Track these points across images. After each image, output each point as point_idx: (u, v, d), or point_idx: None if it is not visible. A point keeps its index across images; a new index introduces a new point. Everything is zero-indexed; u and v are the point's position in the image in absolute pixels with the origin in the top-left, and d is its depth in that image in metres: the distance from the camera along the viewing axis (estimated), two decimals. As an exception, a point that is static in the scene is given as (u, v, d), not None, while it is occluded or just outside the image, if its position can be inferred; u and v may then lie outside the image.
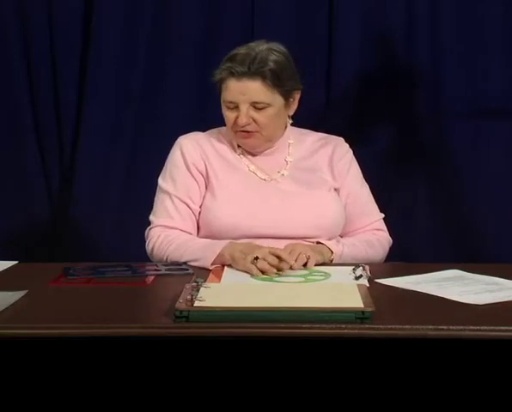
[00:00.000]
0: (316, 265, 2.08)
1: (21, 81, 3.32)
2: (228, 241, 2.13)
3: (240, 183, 2.29)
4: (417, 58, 3.28)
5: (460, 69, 3.26)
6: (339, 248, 2.20)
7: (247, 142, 2.30)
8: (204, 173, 2.31)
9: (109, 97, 3.31)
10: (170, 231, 2.26)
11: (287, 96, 2.28)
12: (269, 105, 2.24)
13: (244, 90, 2.23)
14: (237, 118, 2.24)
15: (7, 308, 1.66)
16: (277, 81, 2.23)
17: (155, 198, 2.34)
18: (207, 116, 3.22)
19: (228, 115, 2.27)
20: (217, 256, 2.08)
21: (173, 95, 3.30)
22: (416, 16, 3.26)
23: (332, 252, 2.17)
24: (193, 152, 2.32)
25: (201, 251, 2.13)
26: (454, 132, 3.28)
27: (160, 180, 2.34)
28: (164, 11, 3.29)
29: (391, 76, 3.29)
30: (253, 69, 2.21)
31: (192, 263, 2.13)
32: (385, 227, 2.37)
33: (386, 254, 2.34)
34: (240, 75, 2.22)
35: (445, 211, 3.31)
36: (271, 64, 2.22)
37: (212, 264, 2.08)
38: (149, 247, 2.28)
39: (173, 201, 2.29)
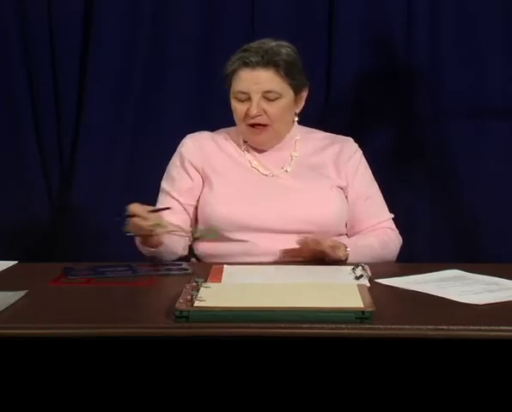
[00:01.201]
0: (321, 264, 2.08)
1: (21, 81, 3.32)
2: None
3: (239, 178, 2.30)
4: (417, 58, 3.28)
5: (459, 69, 3.26)
6: (353, 245, 2.21)
7: (258, 139, 2.31)
8: (201, 170, 2.33)
9: (109, 97, 3.31)
10: None
11: (296, 91, 2.30)
12: (280, 96, 2.26)
13: (256, 79, 2.24)
14: (248, 109, 2.25)
15: (7, 308, 1.66)
16: (289, 72, 2.27)
17: None
18: (207, 116, 3.23)
19: (238, 107, 2.28)
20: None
21: (173, 95, 3.30)
22: (416, 16, 3.26)
23: (347, 247, 2.17)
24: (192, 150, 2.35)
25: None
26: (454, 132, 3.28)
27: (162, 180, 2.39)
28: (164, 11, 3.29)
29: (391, 76, 3.29)
30: (267, 59, 2.25)
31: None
32: (395, 227, 2.37)
33: (397, 252, 2.34)
34: (254, 65, 2.24)
35: (445, 211, 3.31)
36: (284, 56, 2.26)
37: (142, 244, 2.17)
38: None
39: (166, 197, 2.34)
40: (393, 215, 2.38)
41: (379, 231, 2.33)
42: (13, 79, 3.32)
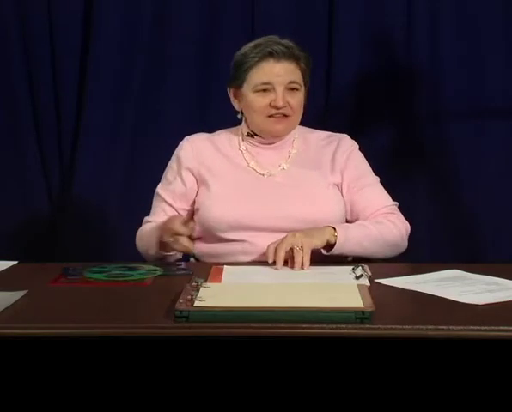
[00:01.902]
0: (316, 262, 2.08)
1: (21, 81, 3.32)
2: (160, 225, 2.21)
3: (236, 179, 2.31)
4: (417, 58, 3.28)
5: (459, 69, 3.27)
6: (343, 225, 2.20)
7: (278, 128, 2.31)
8: (197, 174, 2.34)
9: (109, 97, 3.31)
10: (149, 224, 2.35)
11: (305, 86, 2.33)
12: (300, 87, 2.30)
13: (281, 71, 2.26)
14: (272, 101, 2.26)
15: (7, 308, 1.66)
16: (306, 66, 2.31)
17: None
18: (207, 116, 3.24)
19: (260, 99, 2.28)
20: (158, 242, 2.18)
21: (173, 95, 3.30)
22: (416, 16, 3.26)
23: (335, 229, 2.15)
24: (189, 153, 2.36)
25: (149, 238, 2.23)
26: (454, 132, 3.28)
27: (160, 182, 2.40)
28: (164, 11, 3.29)
29: (391, 76, 3.29)
30: (291, 52, 2.27)
31: (152, 251, 2.23)
32: (399, 212, 2.33)
33: (402, 236, 2.29)
34: (279, 56, 2.26)
35: (445, 211, 3.31)
36: (300, 49, 2.29)
37: (161, 249, 2.18)
38: None
39: (161, 201, 2.36)
40: (396, 203, 2.35)
41: (378, 217, 2.30)
42: (13, 79, 3.32)
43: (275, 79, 2.26)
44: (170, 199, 2.34)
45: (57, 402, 1.76)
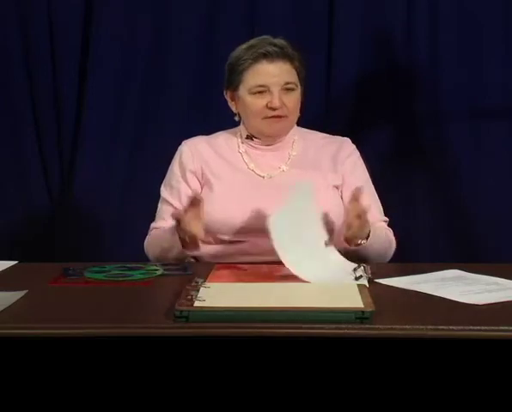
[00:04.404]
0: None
1: (20, 81, 3.32)
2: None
3: (236, 181, 2.31)
4: (417, 58, 3.28)
5: (459, 69, 3.27)
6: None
7: (276, 128, 2.31)
8: (200, 177, 2.35)
9: (109, 97, 3.31)
10: (159, 230, 2.34)
11: (302, 84, 2.33)
12: (296, 86, 2.30)
13: (276, 72, 2.26)
14: (268, 102, 2.26)
15: (7, 308, 1.66)
16: (301, 65, 2.31)
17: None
18: (207, 117, 3.23)
19: (256, 102, 2.28)
20: (179, 238, 2.16)
21: (173, 95, 3.30)
22: (416, 16, 3.26)
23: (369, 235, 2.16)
24: (190, 158, 2.36)
25: (170, 238, 2.19)
26: (454, 132, 3.28)
27: (161, 187, 2.40)
28: (164, 11, 3.29)
29: (391, 76, 3.29)
30: (284, 51, 2.27)
31: (174, 252, 2.19)
32: (389, 229, 2.36)
33: (391, 254, 2.32)
34: (273, 57, 2.26)
35: (445, 211, 3.31)
36: (293, 49, 2.29)
37: (184, 248, 2.17)
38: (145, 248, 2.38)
39: (167, 206, 2.35)
40: (387, 219, 2.38)
41: (380, 228, 2.31)
42: (13, 79, 3.32)
43: (270, 80, 2.25)
44: (178, 203, 2.33)
45: (57, 402, 1.76)
